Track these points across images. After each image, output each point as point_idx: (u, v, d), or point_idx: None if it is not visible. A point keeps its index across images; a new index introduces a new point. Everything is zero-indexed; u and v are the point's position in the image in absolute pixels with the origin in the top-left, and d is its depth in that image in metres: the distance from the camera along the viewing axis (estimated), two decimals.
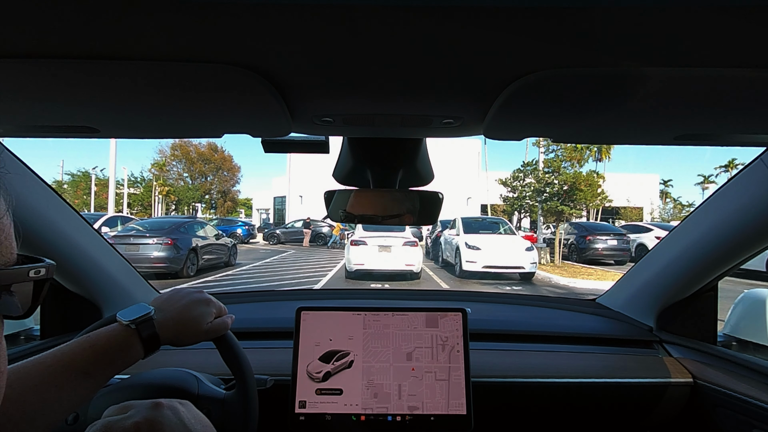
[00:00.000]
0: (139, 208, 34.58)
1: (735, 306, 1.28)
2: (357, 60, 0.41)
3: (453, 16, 0.32)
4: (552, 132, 0.64)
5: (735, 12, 0.31)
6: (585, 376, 0.98)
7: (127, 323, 0.58)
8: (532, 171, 17.79)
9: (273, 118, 0.56)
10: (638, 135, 0.64)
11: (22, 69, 0.41)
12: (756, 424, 0.84)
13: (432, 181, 0.85)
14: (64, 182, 33.44)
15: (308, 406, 0.83)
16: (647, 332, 1.14)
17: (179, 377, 0.71)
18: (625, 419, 1.01)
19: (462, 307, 0.91)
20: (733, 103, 0.49)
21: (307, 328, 0.89)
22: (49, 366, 0.52)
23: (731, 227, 0.90)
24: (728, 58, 0.38)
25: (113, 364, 0.56)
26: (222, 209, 43.62)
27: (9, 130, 0.65)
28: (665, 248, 1.11)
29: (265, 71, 0.43)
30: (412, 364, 0.87)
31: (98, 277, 1.04)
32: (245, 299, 1.35)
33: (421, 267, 9.36)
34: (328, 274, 9.76)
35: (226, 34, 0.36)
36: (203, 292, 0.68)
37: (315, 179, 20.75)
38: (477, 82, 0.46)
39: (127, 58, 0.39)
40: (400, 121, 0.60)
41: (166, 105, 0.53)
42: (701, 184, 42.04)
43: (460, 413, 0.83)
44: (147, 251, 8.47)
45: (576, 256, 13.37)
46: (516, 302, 1.43)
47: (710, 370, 0.97)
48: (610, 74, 0.42)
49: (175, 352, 0.85)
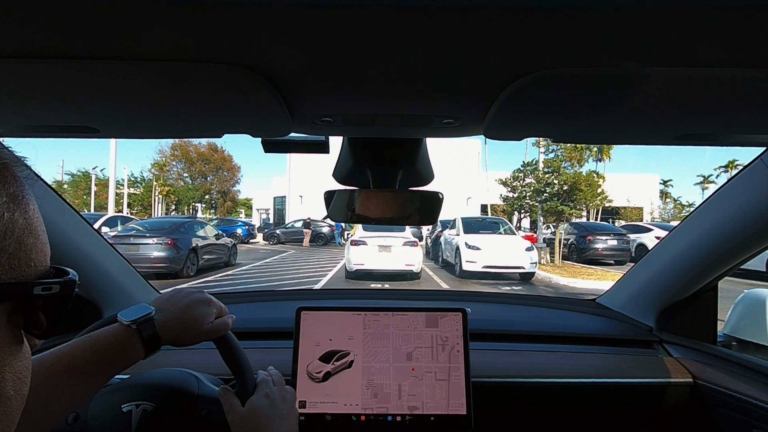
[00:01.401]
0: (139, 208, 34.59)
1: (735, 306, 1.28)
2: (357, 60, 0.41)
3: (453, 16, 0.32)
4: (552, 132, 0.64)
5: (735, 12, 0.31)
6: (585, 376, 0.98)
7: (128, 323, 0.58)
8: (532, 171, 17.80)
9: (273, 118, 0.56)
10: (638, 135, 0.64)
11: (22, 69, 0.41)
12: (756, 424, 0.84)
13: (432, 181, 0.85)
14: (64, 182, 33.45)
15: (308, 406, 0.83)
16: (647, 332, 1.14)
17: (179, 377, 0.71)
18: (625, 419, 1.01)
19: (462, 307, 0.91)
20: (733, 103, 0.49)
21: (307, 328, 0.89)
22: (49, 366, 0.52)
23: (731, 227, 0.90)
24: (728, 58, 0.38)
25: (114, 364, 0.56)
26: (222, 209, 43.62)
27: (9, 130, 0.65)
28: (665, 248, 1.11)
29: (265, 71, 0.43)
30: (412, 364, 0.87)
31: (98, 277, 1.04)
32: (245, 299, 1.35)
33: (421, 267, 9.36)
34: (328, 274, 9.76)
35: (226, 34, 0.36)
36: (204, 292, 0.68)
37: (315, 179, 20.78)
38: (477, 82, 0.46)
39: (127, 58, 0.39)
40: (400, 121, 0.60)
41: (166, 105, 0.53)
42: (701, 184, 42.05)
43: (460, 413, 0.83)
44: (147, 251, 8.47)
45: (576, 256, 13.37)
46: (516, 302, 1.43)
47: (710, 370, 0.97)
48: (610, 74, 0.42)
49: (175, 352, 0.85)
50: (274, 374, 0.72)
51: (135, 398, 0.65)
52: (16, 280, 0.27)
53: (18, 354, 0.29)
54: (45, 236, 0.31)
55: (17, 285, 0.28)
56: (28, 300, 0.29)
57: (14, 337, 0.28)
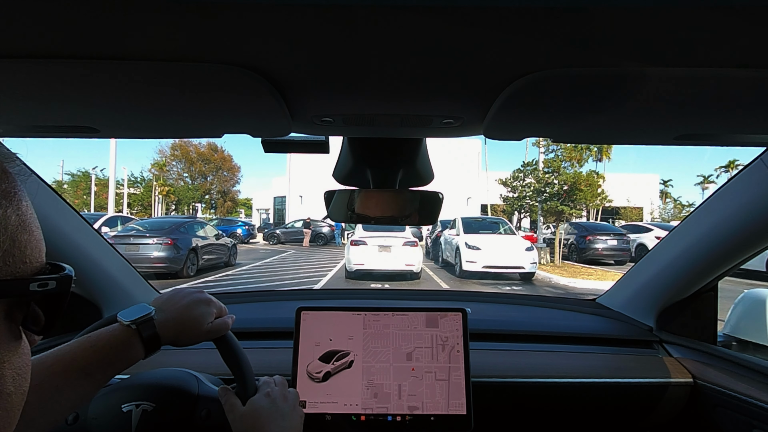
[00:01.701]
0: (139, 208, 34.58)
1: (735, 306, 1.28)
2: (357, 60, 0.41)
3: (452, 16, 0.32)
4: (552, 132, 0.64)
5: (735, 12, 0.31)
6: (585, 376, 0.98)
7: (128, 323, 0.58)
8: (532, 171, 17.78)
9: (273, 118, 0.56)
10: (638, 135, 0.64)
11: (22, 69, 0.41)
12: (756, 424, 0.84)
13: (432, 181, 0.85)
14: (64, 182, 33.44)
15: (308, 406, 0.83)
16: (647, 332, 1.14)
17: (179, 377, 0.71)
18: (625, 419, 1.01)
19: (462, 307, 0.91)
20: (733, 103, 0.49)
21: (307, 328, 0.89)
22: (49, 366, 0.52)
23: (731, 227, 0.90)
24: (728, 58, 0.38)
25: (114, 365, 0.56)
26: (222, 209, 43.61)
27: (9, 130, 0.65)
28: (665, 248, 1.11)
29: (265, 71, 0.43)
30: (412, 364, 0.87)
31: (98, 277, 1.04)
32: (245, 299, 1.36)
33: (421, 267, 9.36)
34: (328, 274, 9.76)
35: (226, 34, 0.36)
36: (204, 292, 0.68)
37: (315, 179, 20.76)
38: (477, 82, 0.46)
39: (127, 58, 0.39)
40: (400, 121, 0.60)
41: (166, 105, 0.53)
42: (701, 184, 42.04)
43: (460, 413, 0.83)
44: (147, 251, 8.47)
45: (576, 256, 13.37)
46: (516, 302, 1.43)
47: (710, 370, 0.97)
48: (610, 74, 0.42)
49: (175, 352, 0.85)
50: (277, 378, 0.72)
51: (135, 398, 0.65)
52: (11, 277, 0.28)
53: (17, 350, 0.29)
54: (39, 233, 0.31)
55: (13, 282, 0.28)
56: (24, 296, 0.29)
57: (12, 333, 0.29)
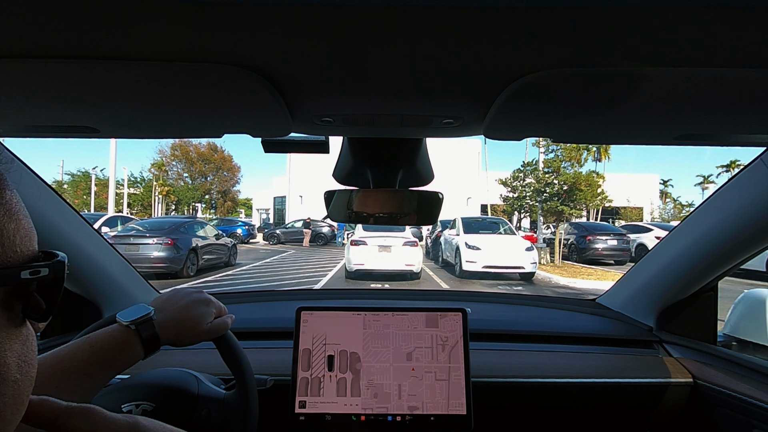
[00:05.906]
0: (139, 208, 34.59)
1: (735, 306, 1.28)
2: (357, 60, 0.41)
3: (453, 16, 0.32)
4: (552, 132, 0.64)
5: (735, 12, 0.31)
6: (585, 376, 0.98)
7: (127, 324, 0.58)
8: (532, 171, 17.78)
9: (273, 118, 0.56)
10: (638, 135, 0.64)
11: (22, 69, 0.41)
12: (756, 424, 0.84)
13: (432, 181, 0.85)
14: (64, 182, 33.44)
15: (308, 406, 0.83)
16: (647, 332, 1.14)
17: (179, 377, 0.71)
18: (625, 419, 1.01)
19: (462, 307, 0.91)
20: (733, 103, 0.49)
21: (307, 328, 0.89)
22: (49, 366, 0.52)
23: (731, 227, 0.90)
24: (728, 58, 0.38)
25: (113, 365, 0.56)
26: (222, 209, 43.61)
27: (9, 130, 0.65)
28: (665, 248, 1.11)
29: (265, 71, 0.43)
30: (412, 364, 0.87)
31: (98, 277, 1.04)
32: (245, 299, 1.35)
33: (421, 267, 9.36)
34: (328, 274, 9.76)
35: (226, 34, 0.36)
36: (203, 292, 0.68)
37: (315, 179, 20.74)
38: (477, 82, 0.45)
39: (127, 58, 0.39)
40: (400, 121, 0.60)
41: (166, 105, 0.53)
42: (701, 184, 42.03)
43: (460, 413, 0.83)
44: (147, 251, 8.46)
45: (576, 256, 13.37)
46: (516, 302, 1.43)
47: (710, 370, 0.97)
48: (610, 74, 0.42)
49: (175, 352, 0.85)
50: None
51: (135, 398, 0.65)
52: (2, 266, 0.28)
53: (18, 338, 0.29)
54: (28, 221, 0.31)
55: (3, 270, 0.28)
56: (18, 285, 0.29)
57: (12, 322, 0.29)
